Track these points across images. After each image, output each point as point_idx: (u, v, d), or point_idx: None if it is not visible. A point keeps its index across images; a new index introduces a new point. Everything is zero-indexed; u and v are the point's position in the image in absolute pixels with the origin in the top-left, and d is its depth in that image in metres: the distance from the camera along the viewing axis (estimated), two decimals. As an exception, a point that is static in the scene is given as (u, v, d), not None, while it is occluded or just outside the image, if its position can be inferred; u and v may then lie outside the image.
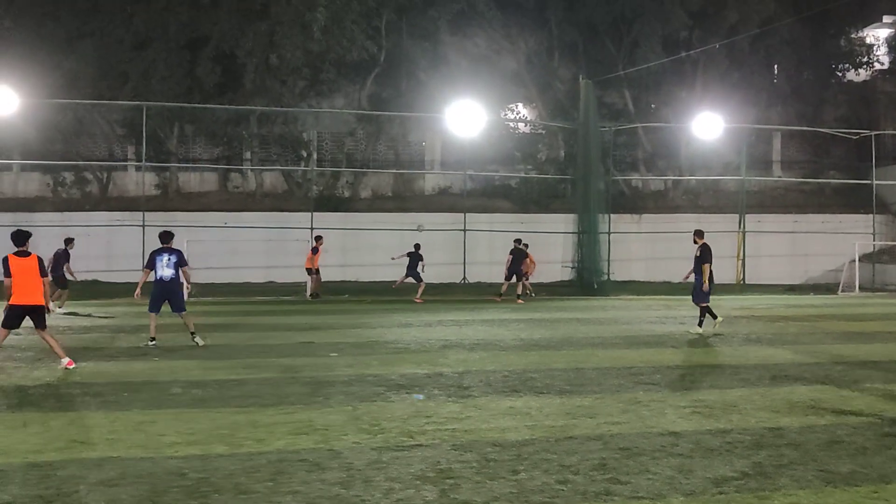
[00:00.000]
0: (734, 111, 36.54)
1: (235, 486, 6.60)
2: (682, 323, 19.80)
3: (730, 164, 39.18)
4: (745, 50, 38.85)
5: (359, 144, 40.28)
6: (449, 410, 9.47)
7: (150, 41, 35.25)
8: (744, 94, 39.07)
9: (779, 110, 41.22)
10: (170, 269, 15.22)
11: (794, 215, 37.13)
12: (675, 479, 6.86)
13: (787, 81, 41.36)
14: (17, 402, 9.83)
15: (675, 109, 38.79)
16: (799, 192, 40.18)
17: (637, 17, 37.92)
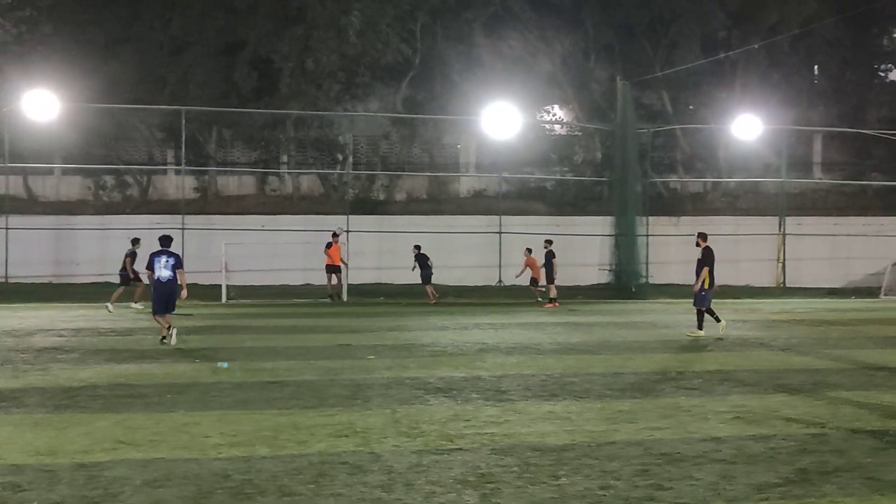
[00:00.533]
0: (774, 112, 36.16)
1: (279, 487, 6.65)
2: (721, 326, 19.59)
3: (769, 166, 38.77)
4: (786, 50, 38.44)
5: (394, 147, 40.40)
6: (488, 414, 9.47)
7: (188, 46, 35.61)
8: (784, 95, 38.68)
9: (820, 111, 40.71)
10: (167, 271, 15.80)
11: (835, 218, 36.61)
12: (718, 485, 6.81)
13: (828, 82, 40.87)
14: (64, 403, 9.98)
15: (714, 110, 38.46)
16: (840, 195, 39.65)
17: (675, 18, 37.66)
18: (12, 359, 13.56)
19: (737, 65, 38.85)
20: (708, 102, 39.51)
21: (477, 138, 38.59)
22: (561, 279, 32.66)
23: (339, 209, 34.23)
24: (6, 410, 9.51)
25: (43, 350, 14.68)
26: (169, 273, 15.79)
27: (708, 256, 17.57)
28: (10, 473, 6.97)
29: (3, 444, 7.96)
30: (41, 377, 11.80)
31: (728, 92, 39.19)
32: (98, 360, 13.53)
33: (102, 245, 32.76)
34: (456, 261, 31.31)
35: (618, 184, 32.59)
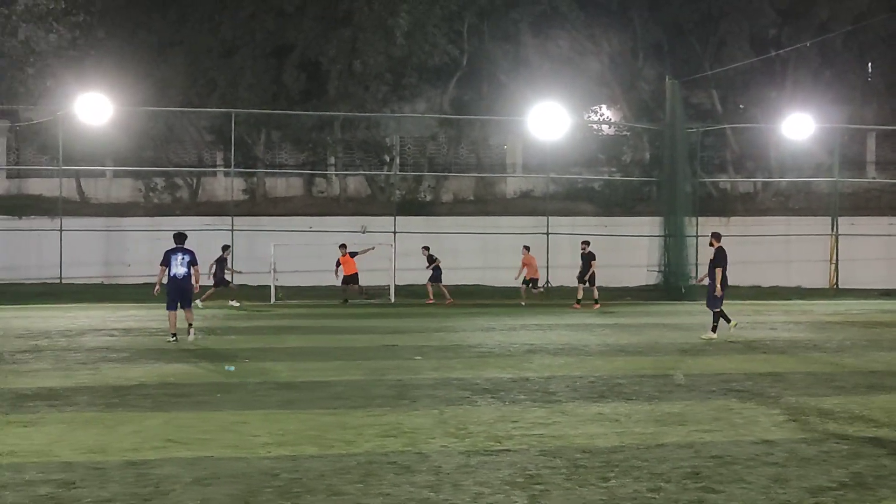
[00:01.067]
0: (826, 110, 35.57)
1: (327, 487, 6.65)
2: (772, 328, 19.32)
3: (822, 165, 38.12)
4: (838, 47, 37.77)
5: (440, 148, 40.42)
6: (535, 416, 9.40)
7: (237, 49, 35.97)
8: (836, 93, 38.02)
9: (873, 108, 39.92)
10: (183, 268, 16.29)
11: (889, 217, 35.89)
12: (770, 489, 6.68)
13: (882, 78, 40.06)
14: (114, 401, 10.10)
15: (765, 109, 37.91)
16: (894, 194, 38.86)
17: (724, 16, 37.23)
18: (64, 358, 13.78)
19: (787, 62, 38.27)
20: (758, 101, 38.96)
21: (524, 139, 38.46)
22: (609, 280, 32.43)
23: (385, 210, 34.34)
24: (58, 409, 9.65)
25: (94, 349, 14.90)
26: (184, 270, 16.26)
27: (721, 257, 17.19)
28: (62, 471, 7.06)
29: (56, 442, 8.07)
30: (92, 376, 11.96)
31: (779, 90, 38.61)
32: (147, 359, 13.69)
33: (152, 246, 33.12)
34: (502, 262, 31.18)
35: (667, 184, 32.28)
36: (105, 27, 37.73)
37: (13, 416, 9.20)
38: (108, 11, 37.43)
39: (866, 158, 40.52)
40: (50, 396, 10.38)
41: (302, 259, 30.70)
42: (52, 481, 6.75)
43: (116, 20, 37.31)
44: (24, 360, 13.55)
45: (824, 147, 36.57)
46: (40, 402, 9.99)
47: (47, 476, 6.89)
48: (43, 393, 10.61)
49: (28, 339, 16.51)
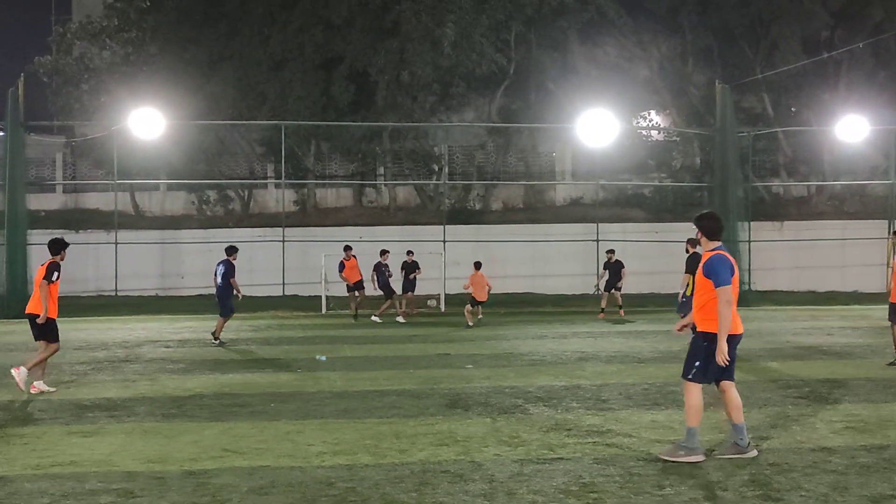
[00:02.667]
0: (881, 112, 34.87)
1: (382, 495, 6.70)
2: (829, 334, 19.00)
3: (877, 168, 37.41)
4: (892, 48, 37.07)
5: (489, 157, 40.44)
6: (589, 423, 9.37)
7: (286, 62, 36.35)
8: (891, 94, 37.29)
9: (929, 109, 39.13)
10: (219, 278, 18.08)
11: (949, 220, 35.12)
12: (829, 497, 6.59)
13: (937, 79, 39.27)
14: (172, 412, 10.27)
15: (817, 112, 37.35)
16: (952, 195, 38.00)
17: (775, 19, 36.75)
18: (123, 369, 14.03)
19: (840, 65, 37.66)
20: (811, 104, 38.39)
21: (573, 146, 38.31)
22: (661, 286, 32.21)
23: (435, 219, 34.43)
24: (118, 419, 9.84)
25: (151, 361, 15.16)
26: (219, 280, 18.09)
27: (690, 263, 16.69)
28: (122, 480, 7.20)
29: (116, 451, 8.23)
30: (150, 387, 12.17)
31: (832, 93, 38.01)
32: (204, 370, 13.89)
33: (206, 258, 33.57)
34: (553, 269, 31.09)
35: (718, 189, 31.91)
36: (157, 43, 38.45)
37: (74, 427, 9.39)
38: (160, 27, 38.13)
39: (923, 160, 39.69)
40: (109, 407, 10.58)
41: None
42: (112, 490, 6.88)
43: (168, 36, 37.98)
44: (83, 371, 13.83)
45: (879, 149, 35.89)
46: (100, 413, 10.19)
47: (108, 485, 7.03)
48: (103, 404, 10.82)
49: (87, 350, 16.84)
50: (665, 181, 38.68)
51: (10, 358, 15.59)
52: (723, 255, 7.86)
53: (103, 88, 37.40)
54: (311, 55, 36.09)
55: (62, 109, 37.64)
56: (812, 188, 38.88)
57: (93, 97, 37.65)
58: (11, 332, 21.09)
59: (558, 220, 36.05)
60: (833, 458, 7.78)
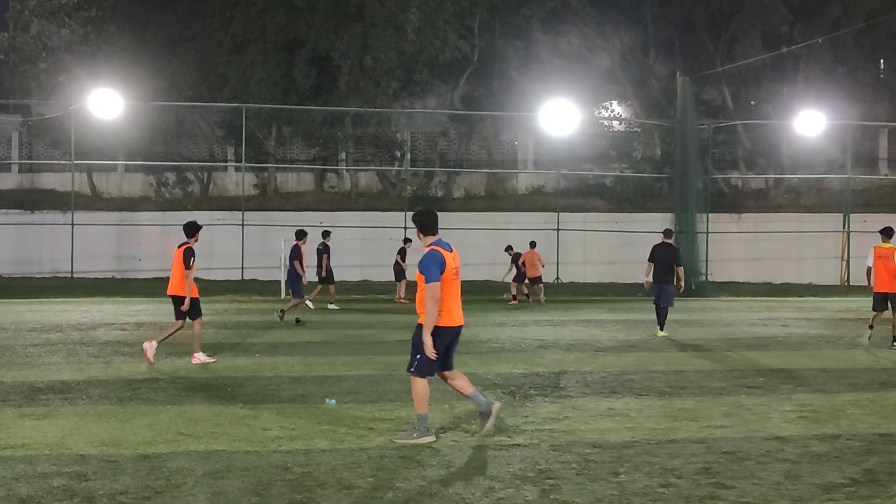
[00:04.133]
0: (838, 107, 35.39)
1: (338, 480, 6.67)
2: (784, 325, 19.27)
3: (834, 162, 38.00)
4: (850, 44, 37.60)
5: (452, 144, 40.44)
6: (547, 411, 9.40)
7: (248, 44, 36.01)
8: (848, 90, 37.86)
9: (886, 106, 39.74)
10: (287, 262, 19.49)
11: (902, 214, 35.75)
12: (782, 485, 6.67)
13: (894, 76, 39.89)
14: (127, 395, 10.15)
15: (776, 106, 37.81)
16: (906, 191, 38.69)
17: (735, 13, 37.13)
18: (77, 351, 13.84)
19: (799, 59, 38.13)
20: (770, 98, 38.85)
21: (535, 135, 38.45)
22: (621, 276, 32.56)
23: (396, 206, 34.35)
24: (71, 402, 9.70)
25: (106, 343, 14.97)
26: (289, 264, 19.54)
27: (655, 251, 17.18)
28: (75, 463, 7.09)
29: (69, 434, 8.11)
30: (104, 370, 12.02)
31: (791, 87, 38.49)
32: (160, 353, 13.69)
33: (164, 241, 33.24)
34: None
35: (678, 180, 32.22)
36: (117, 22, 37.87)
37: (27, 409, 9.24)
38: (120, 7, 37.56)
39: (878, 155, 40.31)
40: (63, 389, 10.43)
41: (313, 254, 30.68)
42: (65, 473, 6.78)
43: (128, 15, 37.45)
44: (36, 353, 13.61)
45: (836, 144, 36.44)
46: (53, 395, 10.04)
47: (60, 468, 6.92)
48: (56, 386, 10.66)
49: (41, 332, 16.59)
50: (626, 171, 38.95)
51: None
52: (435, 252, 7.88)
53: (61, 67, 36.75)
54: (273, 38, 35.78)
55: (18, 88, 36.95)
56: (770, 181, 39.37)
57: (50, 76, 36.99)
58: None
59: (520, 208, 36.16)
60: (786, 447, 7.87)
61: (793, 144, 37.29)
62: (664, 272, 16.73)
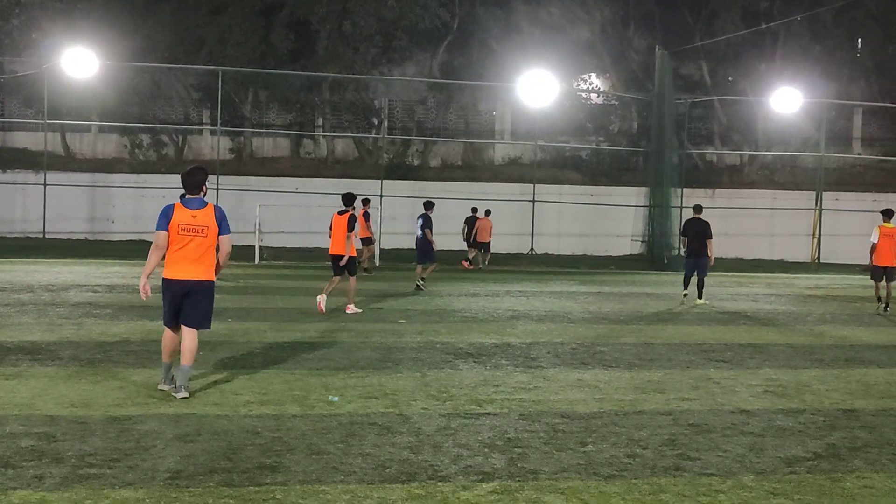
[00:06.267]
0: (814, 85, 35.59)
1: (308, 446, 6.71)
2: (754, 300, 19.48)
3: (808, 140, 38.25)
4: (828, 23, 37.75)
5: (429, 113, 40.31)
6: (517, 381, 9.49)
7: (225, 6, 35.62)
8: (825, 69, 38.05)
9: (861, 85, 40.02)
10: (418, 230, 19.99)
11: (873, 194, 36.08)
12: (745, 458, 6.78)
13: (870, 56, 40.11)
14: (97, 357, 10.13)
15: (753, 82, 37.95)
16: (879, 171, 39.04)
17: (717, -13, 37.13)
18: (48, 312, 13.77)
19: (778, 36, 38.23)
20: (747, 74, 38.97)
21: (513, 105, 38.40)
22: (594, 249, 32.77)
23: (373, 173, 34.28)
24: (41, 363, 9.67)
25: (77, 305, 14.89)
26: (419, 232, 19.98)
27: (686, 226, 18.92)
28: (44, 424, 7.09)
29: (39, 395, 8.09)
30: (75, 331, 11.97)
31: (768, 64, 38.61)
32: (131, 316, 13.70)
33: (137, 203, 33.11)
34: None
35: (654, 154, 32.34)
36: (92, -20, 37.25)
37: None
38: (96, -35, 36.94)
39: (852, 135, 40.70)
40: (33, 350, 10.39)
41: (288, 220, 30.69)
42: (33, 434, 6.78)
43: (104, -27, 36.85)
44: (6, 313, 13.53)
45: (811, 122, 36.66)
46: (23, 356, 10.00)
47: (29, 429, 6.92)
48: (26, 347, 10.62)
49: (11, 292, 16.47)
50: (602, 144, 39.03)
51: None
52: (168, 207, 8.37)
53: (34, 24, 36.14)
54: (251, 1, 35.38)
55: (-10, 43, 36.38)
56: (744, 157, 39.61)
57: (23, 33, 36.38)
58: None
59: (496, 179, 36.19)
60: (751, 420, 8.00)
61: (768, 121, 37.50)
62: (697, 245, 17.95)
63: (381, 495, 5.67)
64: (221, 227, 8.44)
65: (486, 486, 5.93)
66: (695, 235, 18.01)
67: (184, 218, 8.23)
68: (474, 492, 5.80)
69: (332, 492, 5.69)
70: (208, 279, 8.43)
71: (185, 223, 8.22)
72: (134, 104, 37.16)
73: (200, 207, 8.35)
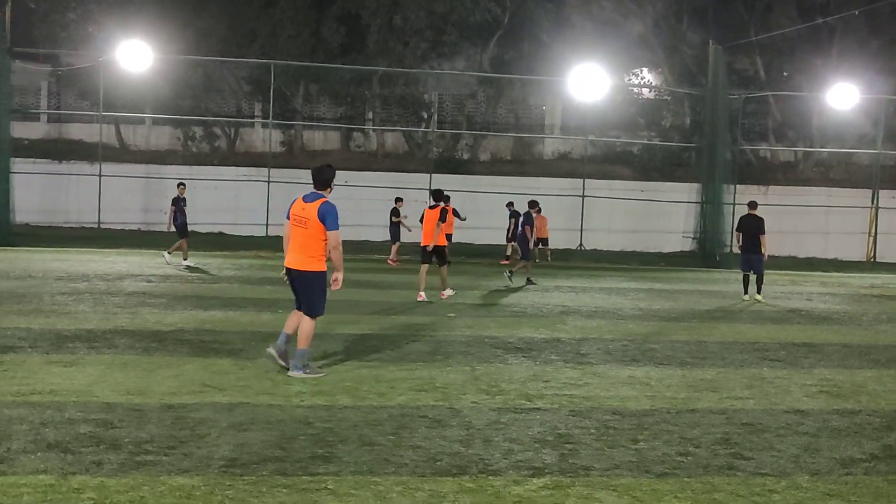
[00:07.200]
0: (872, 81, 34.85)
1: (360, 437, 6.75)
2: (808, 299, 19.18)
3: (864, 137, 37.50)
4: (886, 17, 36.93)
5: (479, 107, 40.20)
6: (567, 376, 9.44)
7: (277, 0, 35.84)
8: (882, 64, 37.24)
9: (920, 81, 39.12)
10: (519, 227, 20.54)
11: (932, 192, 35.33)
12: (800, 458, 6.69)
13: (931, 51, 39.21)
14: (152, 346, 10.28)
15: (809, 78, 37.29)
16: (937, 168, 38.16)
17: (771, -19, 36.56)
18: (103, 301, 14.00)
19: (834, 31, 37.51)
20: (803, 69, 38.29)
21: (563, 100, 38.18)
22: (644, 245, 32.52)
23: (422, 167, 34.31)
24: (98, 350, 9.84)
25: (132, 294, 15.13)
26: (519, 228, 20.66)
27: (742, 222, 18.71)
28: (102, 411, 7.22)
29: (96, 382, 8.24)
30: (130, 320, 12.15)
31: (824, 59, 37.90)
32: (185, 305, 13.88)
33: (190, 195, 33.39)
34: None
35: (706, 150, 31.94)
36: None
37: (54, 356, 9.39)
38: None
39: (910, 131, 39.79)
40: (90, 338, 10.57)
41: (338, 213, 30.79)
42: (91, 420, 6.90)
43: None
44: (63, 302, 13.78)
45: (868, 118, 35.95)
46: (80, 344, 10.18)
47: (87, 415, 7.05)
48: (82, 335, 10.81)
49: (68, 281, 16.77)
50: (654, 140, 38.65)
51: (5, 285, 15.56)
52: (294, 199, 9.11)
53: (91, 18, 36.75)
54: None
55: (47, 37, 37.01)
56: (799, 154, 38.97)
57: (80, 26, 37.02)
58: None
59: (545, 173, 36.00)
60: (806, 420, 7.89)
61: (824, 117, 36.83)
62: (752, 242, 18.03)
63: (433, 488, 5.68)
64: (325, 222, 8.78)
65: (537, 481, 5.92)
66: (750, 232, 18.08)
67: (297, 209, 8.90)
68: (525, 487, 5.79)
69: (385, 483, 5.72)
70: (306, 269, 8.95)
71: (296, 214, 8.88)
72: (187, 97, 37.57)
73: (312, 201, 8.83)
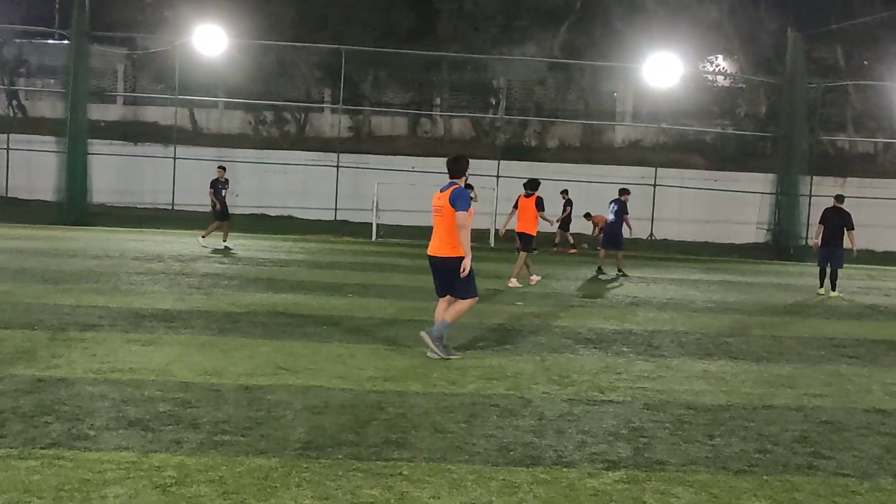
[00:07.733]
0: (956, 71, 33.77)
1: (432, 424, 6.75)
2: (886, 295, 18.68)
3: (948, 128, 36.36)
4: (975, 3, 35.71)
5: (548, 93, 39.91)
6: (640, 369, 9.32)
7: (350, -14, 36.05)
8: (970, 52, 36.05)
9: None
10: (611, 215, 20.42)
11: None
12: (883, 459, 6.50)
13: None
14: (227, 327, 10.42)
15: (891, 67, 36.20)
16: None
17: (854, -33, 35.57)
18: (179, 282, 14.25)
19: (919, 19, 36.38)
20: (885, 58, 37.18)
21: (635, 87, 37.68)
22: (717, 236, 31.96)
23: (489, 154, 34.20)
24: (175, 330, 10.01)
25: (206, 275, 15.37)
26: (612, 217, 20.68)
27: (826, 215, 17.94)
28: (180, 390, 7.33)
29: (173, 361, 8.38)
30: (205, 301, 12.35)
31: (907, 48, 36.79)
32: (257, 288, 14.06)
33: (260, 179, 33.91)
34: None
35: (783, 140, 31.26)
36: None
37: (133, 335, 9.58)
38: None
39: None
40: (166, 318, 10.77)
41: (404, 199, 30.91)
42: (170, 399, 7.02)
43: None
44: (140, 282, 14.06)
45: (953, 109, 34.84)
46: (157, 323, 10.37)
47: (165, 394, 7.17)
48: (159, 314, 11.01)
49: (143, 261, 17.12)
50: (728, 129, 37.96)
51: (69, 264, 15.93)
52: None
53: (166, 2, 37.38)
54: (374, -20, 35.73)
55: (124, 21, 37.73)
56: (879, 145, 37.93)
57: (156, 10, 37.68)
58: (72, 239, 21.54)
59: (615, 161, 35.62)
60: (888, 420, 7.66)
61: (905, 108, 35.79)
62: (834, 235, 17.50)
63: (507, 477, 5.65)
64: (455, 205, 9.00)
65: (612, 474, 5.85)
66: (833, 225, 17.52)
67: (435, 200, 9.28)
68: (601, 480, 5.72)
69: (458, 471, 5.71)
70: (445, 255, 9.23)
71: (435, 203, 9.26)
72: (258, 81, 38.00)
73: (446, 189, 9.14)
